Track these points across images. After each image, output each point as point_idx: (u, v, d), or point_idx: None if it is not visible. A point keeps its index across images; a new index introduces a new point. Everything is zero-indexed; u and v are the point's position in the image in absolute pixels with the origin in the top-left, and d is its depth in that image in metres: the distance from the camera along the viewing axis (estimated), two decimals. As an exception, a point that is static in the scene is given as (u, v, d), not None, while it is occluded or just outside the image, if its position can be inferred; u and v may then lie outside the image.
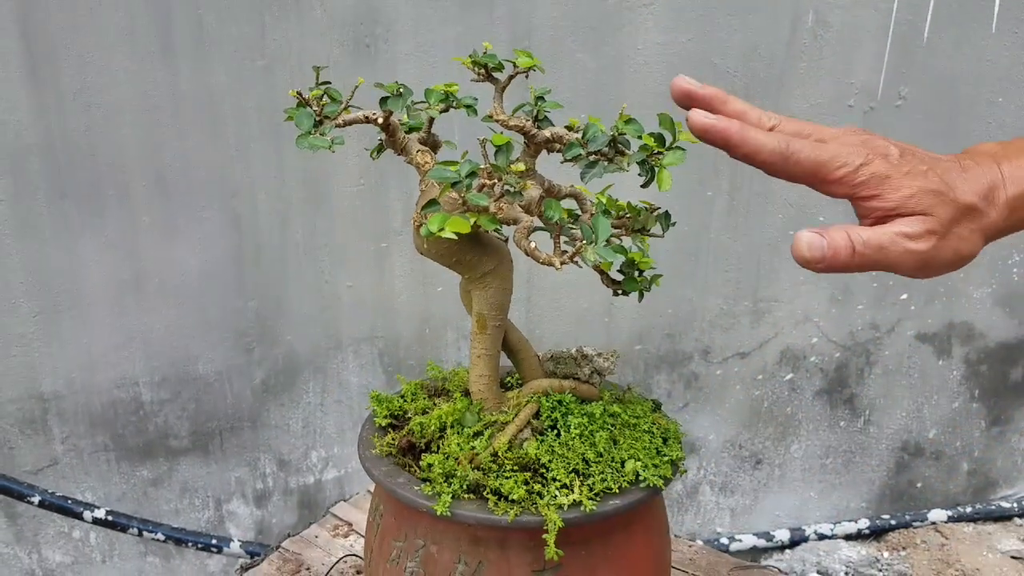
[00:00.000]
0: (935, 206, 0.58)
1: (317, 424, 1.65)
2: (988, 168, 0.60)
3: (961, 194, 0.59)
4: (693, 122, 0.62)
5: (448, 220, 0.59)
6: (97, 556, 1.64)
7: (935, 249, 0.58)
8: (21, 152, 1.39)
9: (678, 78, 0.63)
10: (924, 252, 0.57)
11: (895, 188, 0.58)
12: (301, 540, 1.02)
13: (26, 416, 1.52)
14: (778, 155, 0.60)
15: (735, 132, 0.61)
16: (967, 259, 0.60)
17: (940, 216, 0.58)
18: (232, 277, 1.52)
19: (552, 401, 0.74)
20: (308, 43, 1.41)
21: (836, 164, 0.59)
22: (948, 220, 0.58)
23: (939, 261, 0.58)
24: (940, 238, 0.58)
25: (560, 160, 0.66)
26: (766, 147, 0.61)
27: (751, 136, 0.61)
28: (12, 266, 1.44)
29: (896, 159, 0.59)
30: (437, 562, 0.69)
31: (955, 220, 0.58)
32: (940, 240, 0.58)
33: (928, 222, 0.58)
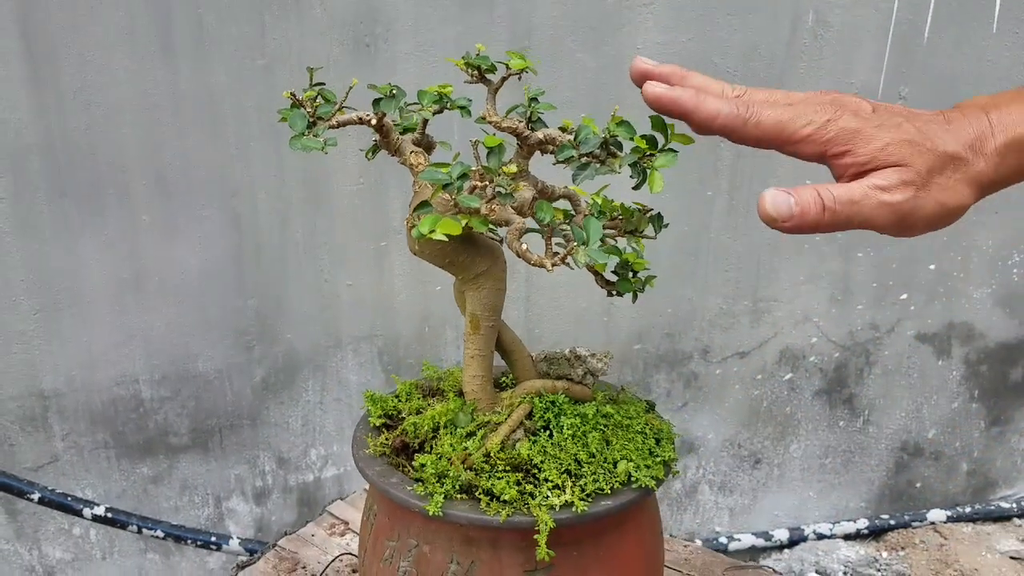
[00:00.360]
0: (911, 155, 0.56)
1: (317, 422, 1.65)
2: (975, 118, 0.58)
3: (942, 143, 0.56)
4: (646, 92, 0.61)
5: (439, 222, 0.59)
6: (97, 553, 1.65)
7: (914, 200, 0.56)
8: (21, 151, 1.39)
9: (636, 59, 0.63)
10: (900, 204, 0.55)
11: (866, 141, 0.56)
12: (298, 539, 1.03)
13: (27, 413, 1.53)
14: (736, 118, 0.59)
15: (688, 98, 0.61)
16: (955, 212, 0.57)
17: (917, 166, 0.56)
18: (232, 276, 1.52)
19: (545, 402, 0.74)
20: (308, 43, 1.41)
21: (801, 123, 0.57)
22: (927, 170, 0.56)
23: (921, 214, 0.56)
24: (918, 188, 0.56)
25: (552, 162, 0.67)
26: (722, 111, 0.59)
27: (705, 101, 0.60)
28: (13, 264, 1.44)
29: (868, 114, 0.58)
30: (430, 562, 0.69)
31: (935, 170, 0.56)
32: (919, 191, 0.56)
33: (903, 172, 0.56)
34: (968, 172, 0.56)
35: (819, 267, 1.64)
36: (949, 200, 0.56)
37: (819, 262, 1.64)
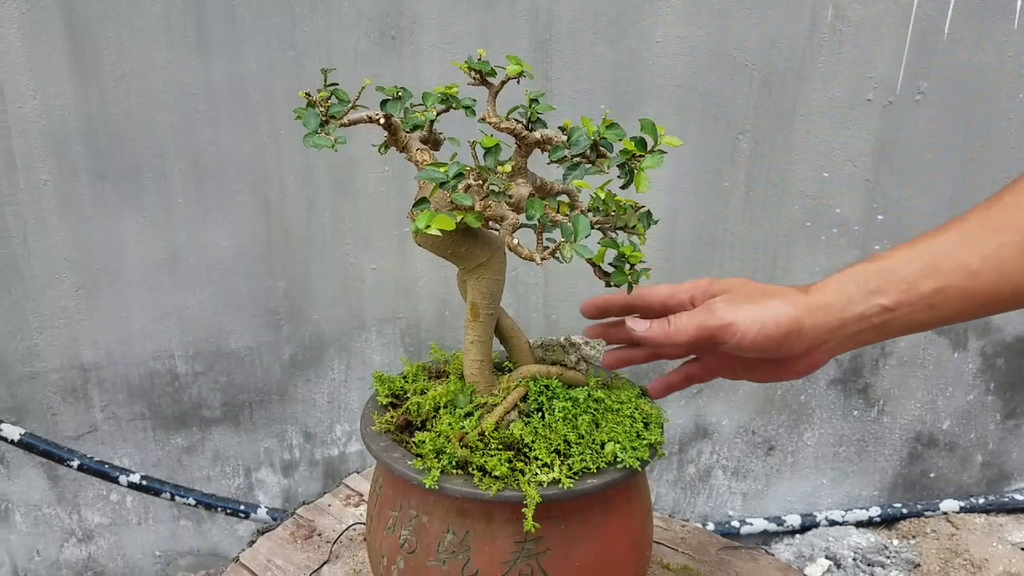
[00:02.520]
0: (737, 286, 0.75)
1: (341, 399, 1.72)
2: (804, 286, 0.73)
3: (766, 287, 0.74)
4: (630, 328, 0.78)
5: (434, 217, 0.64)
6: (133, 518, 1.73)
7: (732, 307, 0.71)
8: (65, 136, 1.46)
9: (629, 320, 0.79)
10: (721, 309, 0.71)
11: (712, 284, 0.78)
12: (315, 508, 1.09)
13: (68, 385, 1.61)
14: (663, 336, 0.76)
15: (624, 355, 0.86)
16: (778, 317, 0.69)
17: (740, 292, 0.73)
18: (262, 258, 1.58)
19: (539, 386, 0.79)
20: (336, 35, 1.46)
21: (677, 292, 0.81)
22: (747, 294, 0.73)
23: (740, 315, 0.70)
24: (735, 302, 0.71)
25: (547, 161, 0.71)
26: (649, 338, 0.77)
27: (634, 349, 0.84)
28: (56, 243, 1.52)
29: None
30: (428, 531, 0.74)
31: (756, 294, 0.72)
32: (736, 303, 0.71)
33: (729, 295, 0.73)
34: (787, 295, 0.70)
35: (835, 259, 1.66)
36: (767, 306, 0.70)
37: (835, 254, 1.66)
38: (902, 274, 0.66)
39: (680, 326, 0.72)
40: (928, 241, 0.67)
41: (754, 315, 0.69)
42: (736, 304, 0.71)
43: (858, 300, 0.67)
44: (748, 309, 0.70)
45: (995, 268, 0.63)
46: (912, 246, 0.67)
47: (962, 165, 1.62)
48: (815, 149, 1.59)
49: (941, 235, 0.66)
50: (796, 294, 0.70)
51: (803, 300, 0.69)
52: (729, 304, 0.71)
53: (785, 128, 1.57)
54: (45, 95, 1.43)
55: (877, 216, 1.64)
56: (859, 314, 0.68)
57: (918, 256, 0.66)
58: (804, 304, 0.69)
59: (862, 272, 0.68)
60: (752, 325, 0.69)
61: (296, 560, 0.98)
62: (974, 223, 0.65)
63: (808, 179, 1.61)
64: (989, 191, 1.64)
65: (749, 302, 0.71)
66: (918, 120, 1.58)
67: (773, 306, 0.69)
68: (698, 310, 0.73)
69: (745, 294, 0.72)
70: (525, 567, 0.72)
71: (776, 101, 1.55)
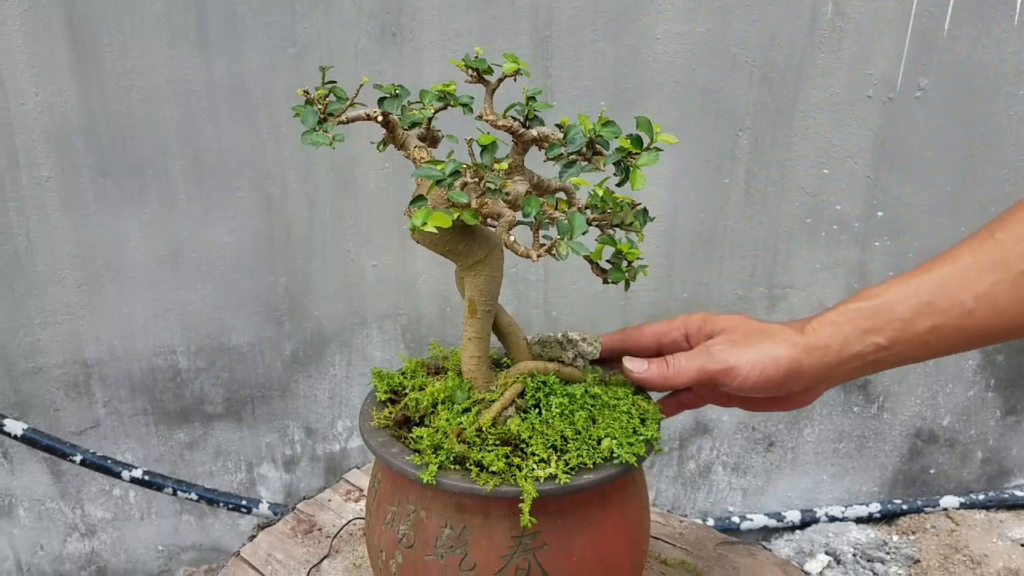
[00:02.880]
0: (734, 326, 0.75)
1: (343, 395, 1.72)
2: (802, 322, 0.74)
3: (763, 324, 0.75)
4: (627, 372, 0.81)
5: (431, 215, 0.64)
6: (136, 513, 1.74)
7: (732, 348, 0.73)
8: (67, 133, 1.47)
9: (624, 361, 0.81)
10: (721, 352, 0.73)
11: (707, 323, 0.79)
12: (315, 503, 1.10)
13: (71, 380, 1.62)
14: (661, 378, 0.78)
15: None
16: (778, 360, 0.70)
17: (738, 331, 0.74)
18: (264, 254, 1.59)
19: (537, 382, 0.79)
20: (337, 31, 1.46)
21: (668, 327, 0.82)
22: (745, 334, 0.74)
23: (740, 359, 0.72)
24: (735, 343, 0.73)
25: (543, 159, 0.71)
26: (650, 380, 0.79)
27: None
28: (59, 240, 1.53)
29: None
30: (426, 526, 0.75)
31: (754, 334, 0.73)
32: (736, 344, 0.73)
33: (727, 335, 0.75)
34: (783, 334, 0.72)
35: (835, 255, 1.67)
36: (765, 349, 0.71)
37: (835, 250, 1.66)
38: (897, 312, 0.67)
39: (679, 368, 0.74)
40: (922, 277, 0.67)
41: (754, 358, 0.71)
42: (736, 346, 0.72)
43: (854, 340, 0.69)
44: (748, 352, 0.71)
45: (990, 305, 0.64)
46: (906, 282, 0.68)
47: (962, 161, 1.62)
48: (815, 146, 1.59)
49: (935, 271, 0.67)
50: (793, 334, 0.71)
51: (801, 341, 0.70)
52: (729, 346, 0.73)
53: (785, 125, 1.57)
54: (47, 92, 1.44)
55: (877, 212, 1.64)
56: (855, 353, 0.69)
57: (913, 293, 0.67)
58: (803, 345, 0.70)
59: (857, 311, 0.69)
60: (753, 368, 0.70)
61: (296, 554, 0.99)
62: (967, 259, 0.66)
63: (808, 176, 1.61)
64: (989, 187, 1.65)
65: (748, 344, 0.72)
66: (918, 117, 1.58)
67: (772, 348, 0.71)
68: (697, 352, 0.74)
69: (743, 334, 0.73)
70: (522, 562, 0.72)
71: (776, 98, 1.55)
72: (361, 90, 0.71)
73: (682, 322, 0.79)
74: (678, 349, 0.79)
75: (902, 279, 0.69)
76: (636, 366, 0.76)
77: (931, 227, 1.66)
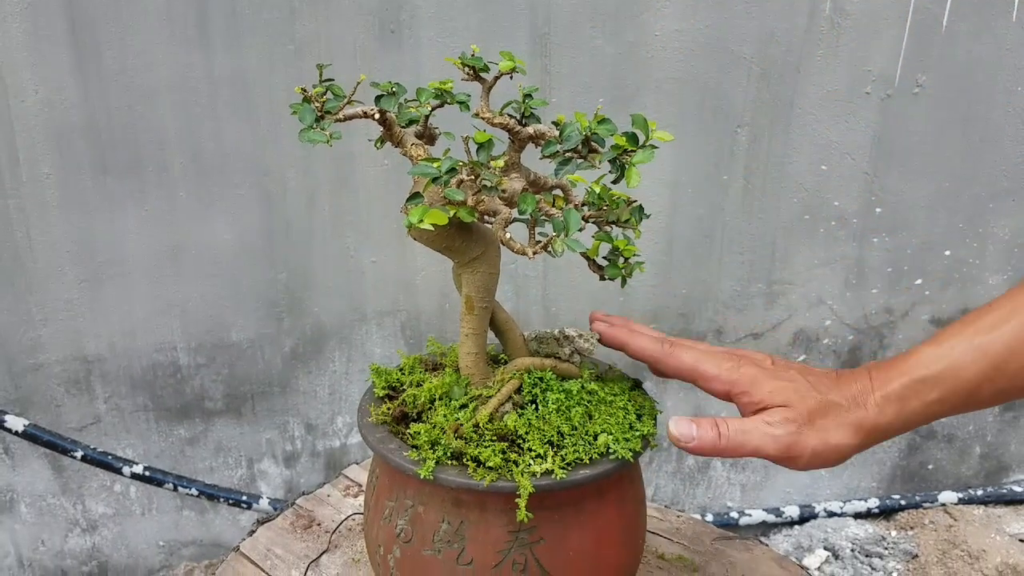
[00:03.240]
0: (795, 400, 0.67)
1: (342, 391, 1.73)
2: (859, 376, 0.69)
3: (824, 393, 0.68)
4: (594, 325, 0.81)
5: (427, 212, 0.65)
6: (137, 509, 1.75)
7: (796, 434, 0.66)
8: (67, 130, 1.47)
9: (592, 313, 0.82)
10: (784, 437, 0.66)
11: (760, 385, 0.69)
12: (315, 498, 1.10)
13: (71, 377, 1.63)
14: (659, 353, 0.76)
15: (624, 334, 0.79)
16: (839, 450, 0.67)
17: (799, 407, 0.67)
18: (263, 251, 1.60)
19: (533, 378, 0.80)
20: (336, 28, 1.46)
21: (711, 365, 0.72)
22: (807, 411, 0.67)
23: (805, 447, 0.66)
24: (800, 425, 0.66)
25: (539, 156, 0.72)
26: (648, 348, 0.77)
27: (638, 340, 0.78)
28: (59, 236, 1.53)
29: (767, 366, 0.72)
30: (424, 521, 0.75)
31: (817, 412, 0.67)
32: (801, 427, 0.66)
33: (787, 411, 0.67)
34: (849, 417, 0.67)
35: (834, 252, 1.67)
36: (831, 439, 0.66)
37: (834, 246, 1.67)
38: (963, 378, 0.64)
39: (733, 442, 0.68)
40: (990, 336, 0.64)
41: (818, 448, 0.66)
42: (799, 429, 0.67)
43: (917, 413, 0.66)
44: (811, 439, 0.66)
45: None
46: (970, 340, 0.65)
47: (960, 158, 1.62)
48: (813, 142, 1.59)
49: (1002, 328, 0.64)
50: (858, 414, 0.67)
51: (867, 423, 0.67)
52: (791, 429, 0.67)
53: (783, 121, 1.57)
54: (47, 89, 1.44)
55: (875, 209, 1.64)
56: (912, 420, 0.67)
57: (982, 356, 0.64)
58: (867, 429, 0.67)
59: (923, 383, 0.65)
60: (815, 460, 0.67)
61: (295, 549, 0.99)
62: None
63: (806, 172, 1.62)
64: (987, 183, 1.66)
65: (811, 427, 0.67)
66: (916, 113, 1.58)
67: (837, 436, 0.66)
68: (754, 427, 0.68)
69: (806, 414, 0.67)
70: (519, 556, 0.73)
71: (774, 94, 1.56)
72: (359, 88, 0.72)
73: (730, 375, 0.71)
74: (711, 389, 0.73)
75: (965, 335, 0.65)
76: (684, 431, 0.69)
77: (929, 223, 1.67)
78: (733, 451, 0.68)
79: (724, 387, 0.71)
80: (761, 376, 0.70)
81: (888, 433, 0.67)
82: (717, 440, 0.68)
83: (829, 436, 0.66)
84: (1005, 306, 0.66)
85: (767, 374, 0.70)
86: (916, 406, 0.66)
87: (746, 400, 0.70)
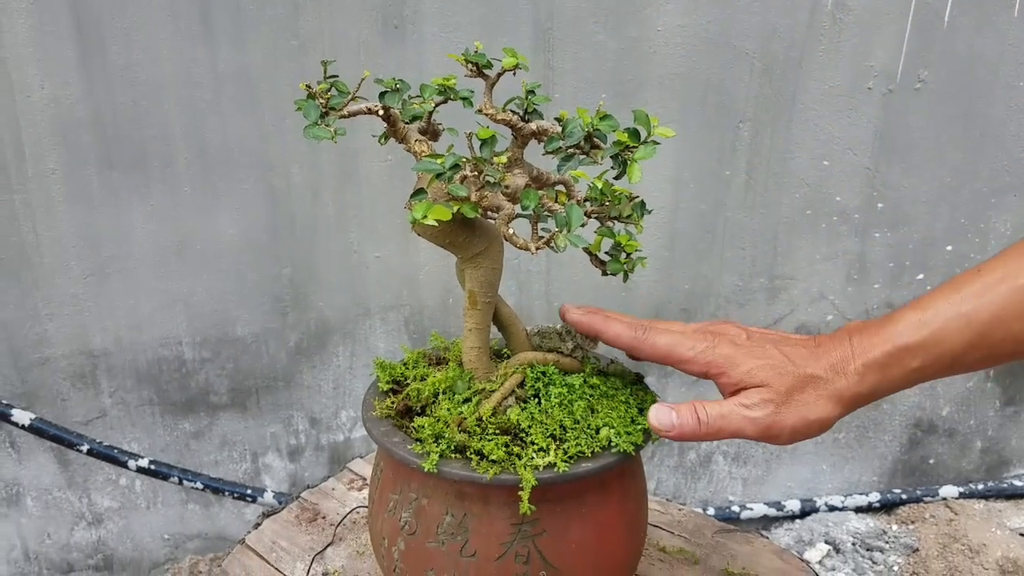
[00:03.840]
0: (772, 378, 0.67)
1: (346, 386, 1.74)
2: (839, 343, 0.67)
3: (803, 366, 0.67)
4: (566, 318, 0.80)
5: (431, 208, 0.65)
6: (142, 502, 1.76)
7: (774, 415, 0.66)
8: (73, 125, 1.48)
9: (563, 307, 0.81)
10: (762, 418, 0.66)
11: (736, 365, 0.68)
12: (319, 491, 1.11)
13: (77, 371, 1.64)
14: (634, 339, 0.75)
15: (599, 321, 0.78)
16: (818, 423, 0.66)
17: (776, 386, 0.66)
18: (268, 246, 1.60)
19: (536, 372, 0.80)
20: (340, 24, 1.47)
21: (686, 347, 0.71)
22: (786, 389, 0.66)
23: (784, 426, 0.66)
24: (778, 405, 0.66)
25: (542, 153, 0.72)
26: (623, 334, 0.76)
27: (612, 326, 0.77)
28: (65, 231, 1.54)
29: (743, 341, 0.71)
30: (427, 513, 0.76)
31: (795, 388, 0.66)
32: (778, 407, 0.66)
33: (764, 392, 0.67)
34: (828, 389, 0.66)
35: (835, 246, 1.68)
36: (810, 414, 0.66)
37: (836, 242, 1.67)
38: (947, 347, 0.63)
39: (713, 427, 0.68)
40: (976, 303, 0.63)
41: (798, 424, 0.66)
42: (777, 409, 0.66)
43: (897, 380, 0.65)
44: (790, 415, 0.66)
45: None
46: (957, 307, 0.63)
47: (962, 153, 1.62)
48: (815, 137, 1.60)
49: (990, 295, 0.63)
50: (838, 383, 0.66)
51: (847, 393, 0.66)
52: (769, 409, 0.67)
53: (785, 116, 1.58)
54: (53, 85, 1.45)
55: (877, 204, 1.65)
56: (893, 386, 0.66)
57: (966, 325, 0.62)
58: (848, 398, 0.66)
59: (906, 350, 0.64)
60: (796, 435, 0.67)
61: (300, 542, 1.00)
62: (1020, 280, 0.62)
63: (808, 167, 1.62)
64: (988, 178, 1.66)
65: (789, 405, 0.66)
66: (918, 108, 1.58)
67: (817, 410, 0.66)
68: (732, 409, 0.68)
69: (785, 391, 0.67)
70: (522, 548, 0.74)
71: (776, 90, 1.56)
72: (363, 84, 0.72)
73: (705, 356, 0.71)
74: (688, 370, 0.73)
75: (951, 301, 0.64)
76: (664, 419, 0.70)
77: (931, 218, 1.67)
78: (714, 435, 0.68)
79: (701, 368, 0.71)
80: (737, 355, 0.69)
81: (868, 399, 0.67)
82: (697, 427, 0.68)
83: (808, 411, 0.66)
84: (995, 271, 0.64)
85: (743, 352, 0.69)
86: (897, 373, 0.65)
87: (724, 381, 0.69)
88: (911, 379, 0.65)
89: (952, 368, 0.65)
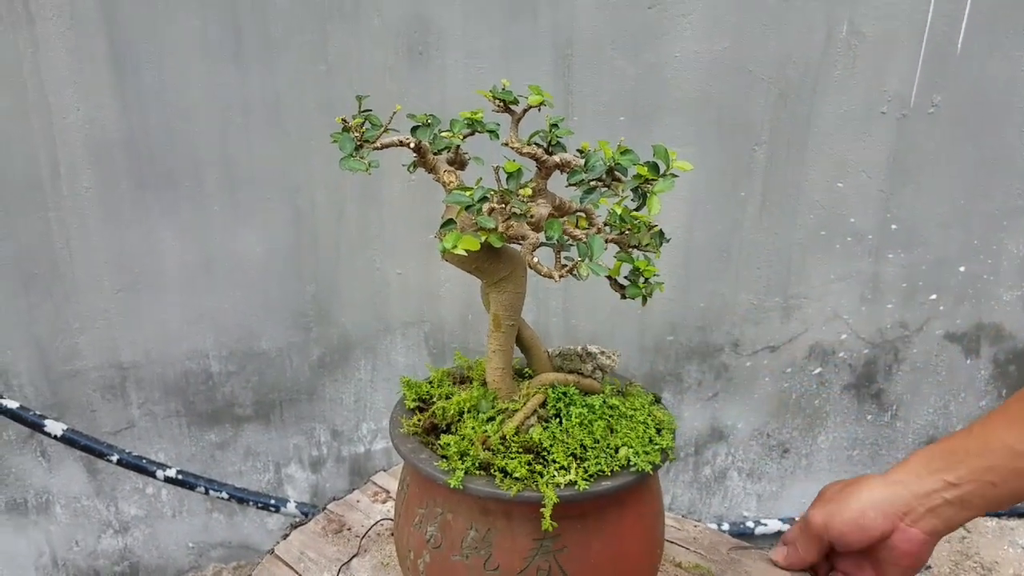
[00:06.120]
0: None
1: (367, 399, 1.77)
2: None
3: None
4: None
5: (460, 238, 0.69)
6: (168, 511, 1.80)
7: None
8: (107, 146, 1.52)
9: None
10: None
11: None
12: (345, 503, 1.14)
13: (107, 383, 1.68)
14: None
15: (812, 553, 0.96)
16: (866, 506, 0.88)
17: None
18: (292, 263, 1.64)
19: (557, 393, 0.83)
20: (366, 50, 1.51)
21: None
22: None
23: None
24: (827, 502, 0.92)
25: (565, 184, 0.76)
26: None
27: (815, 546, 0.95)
28: (97, 248, 1.58)
29: None
30: (452, 528, 0.79)
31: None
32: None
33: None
34: (873, 480, 0.90)
35: (849, 267, 1.70)
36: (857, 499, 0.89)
37: (850, 262, 1.70)
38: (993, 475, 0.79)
39: (804, 548, 0.94)
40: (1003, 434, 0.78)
41: (850, 515, 0.88)
42: (827, 505, 0.91)
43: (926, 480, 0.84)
44: (841, 507, 0.89)
45: None
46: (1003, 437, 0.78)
47: (974, 176, 1.65)
48: (830, 160, 1.63)
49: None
50: (880, 478, 0.88)
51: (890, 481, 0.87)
52: (827, 511, 0.90)
53: (800, 140, 1.61)
54: (88, 107, 1.49)
55: (891, 226, 1.67)
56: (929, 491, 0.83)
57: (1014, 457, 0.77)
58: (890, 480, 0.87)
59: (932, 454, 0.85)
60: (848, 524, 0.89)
61: (327, 553, 1.04)
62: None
63: (823, 189, 1.65)
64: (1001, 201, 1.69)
65: (840, 499, 0.90)
66: (931, 132, 1.61)
67: (868, 493, 0.88)
68: (804, 527, 0.93)
69: (833, 492, 0.93)
70: (543, 563, 0.77)
71: (792, 114, 1.59)
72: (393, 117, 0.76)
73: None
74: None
75: (1000, 431, 0.78)
76: (779, 557, 0.98)
77: (944, 240, 1.69)
78: (810, 554, 0.95)
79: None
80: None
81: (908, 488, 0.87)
82: (796, 551, 0.97)
83: (857, 497, 0.91)
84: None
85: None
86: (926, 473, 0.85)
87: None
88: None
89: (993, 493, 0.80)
